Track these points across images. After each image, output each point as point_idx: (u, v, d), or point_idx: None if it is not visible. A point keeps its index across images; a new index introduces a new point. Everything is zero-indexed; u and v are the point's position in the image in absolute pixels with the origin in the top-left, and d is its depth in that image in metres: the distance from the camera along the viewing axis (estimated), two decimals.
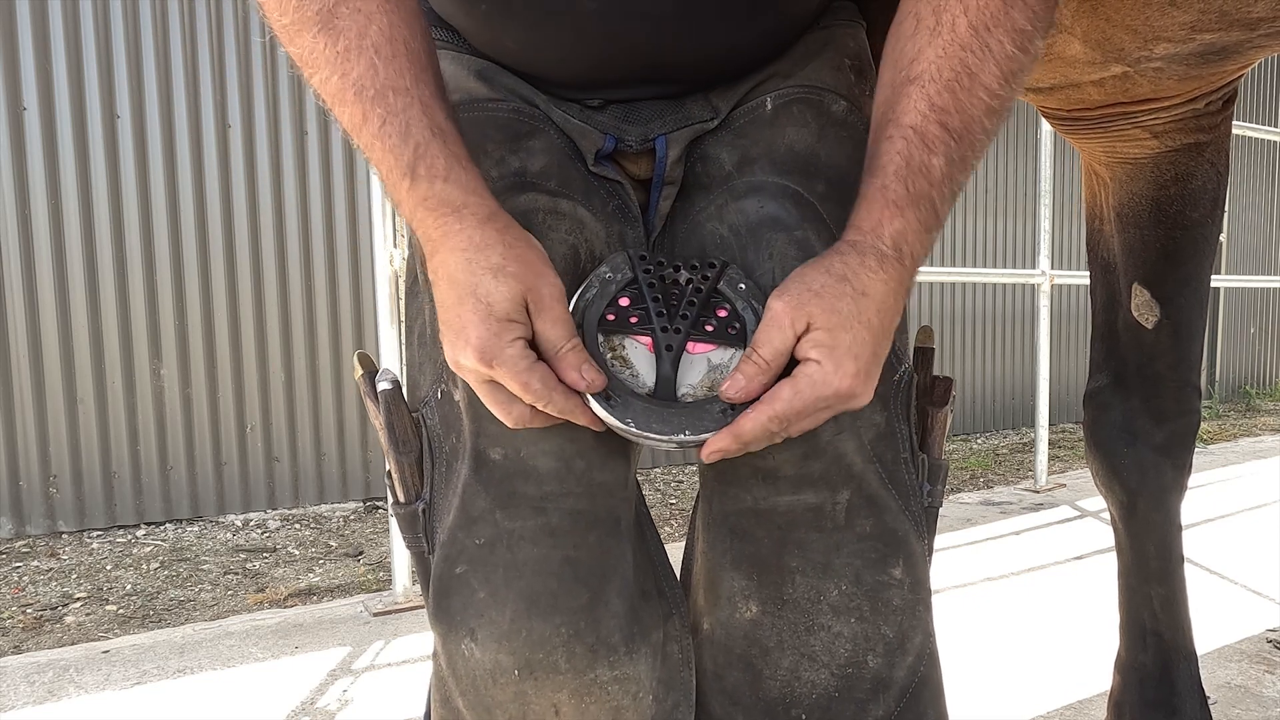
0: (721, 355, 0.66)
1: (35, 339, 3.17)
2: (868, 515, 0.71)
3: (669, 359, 0.65)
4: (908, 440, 0.76)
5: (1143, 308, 1.23)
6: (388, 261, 2.36)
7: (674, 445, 0.63)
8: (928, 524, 0.77)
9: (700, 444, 0.63)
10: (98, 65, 3.20)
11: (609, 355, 0.65)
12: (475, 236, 0.62)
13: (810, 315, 0.61)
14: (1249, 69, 1.15)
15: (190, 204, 3.37)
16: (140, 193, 3.29)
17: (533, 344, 0.63)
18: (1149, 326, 1.22)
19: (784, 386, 0.61)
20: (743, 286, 0.68)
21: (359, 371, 0.79)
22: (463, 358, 0.62)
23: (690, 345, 0.66)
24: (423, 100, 0.65)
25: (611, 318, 0.66)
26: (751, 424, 0.61)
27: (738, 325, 0.67)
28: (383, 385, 0.75)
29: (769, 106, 0.80)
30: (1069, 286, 5.69)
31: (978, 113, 0.67)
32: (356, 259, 3.68)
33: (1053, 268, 3.97)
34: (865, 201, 0.66)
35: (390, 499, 0.77)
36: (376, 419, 0.76)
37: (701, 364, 0.66)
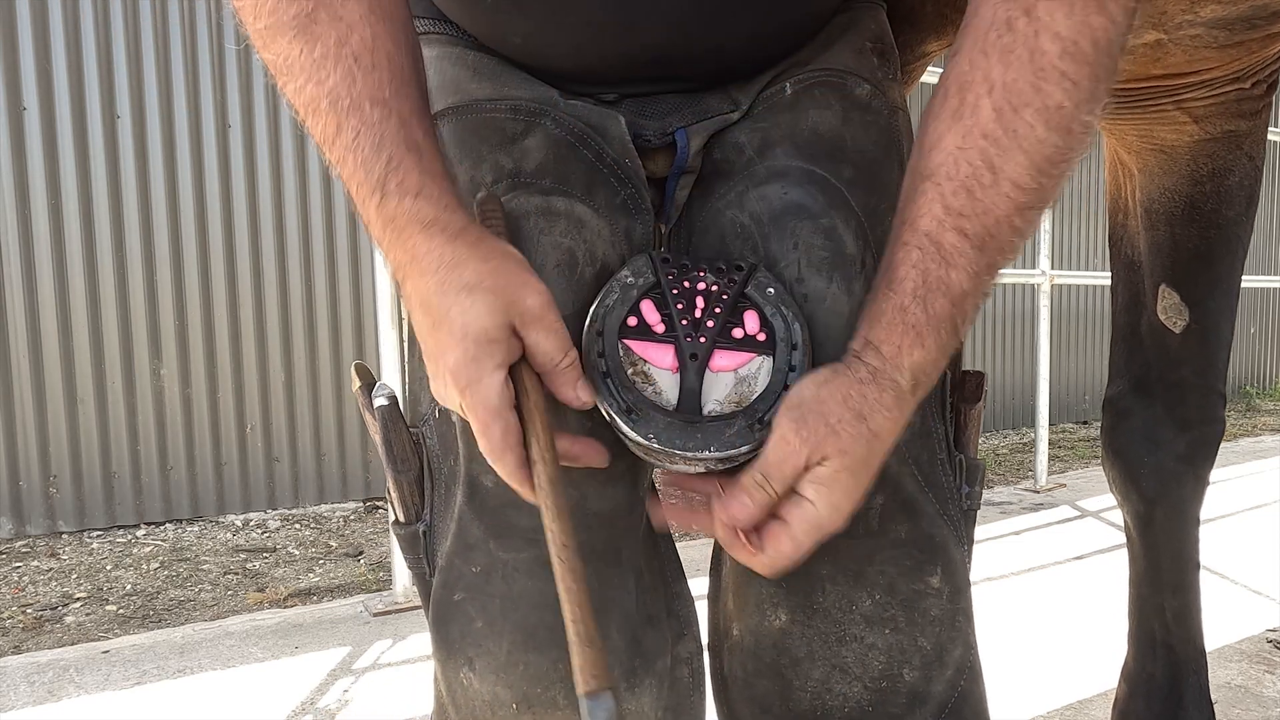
0: (749, 367, 0.62)
1: (35, 339, 3.17)
2: (903, 520, 0.68)
3: (694, 369, 0.62)
4: (944, 440, 0.72)
5: (1170, 310, 1.17)
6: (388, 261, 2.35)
7: (699, 465, 0.60)
8: (966, 527, 0.73)
9: (728, 462, 0.60)
10: (98, 65, 3.20)
11: (630, 370, 0.62)
12: (446, 254, 0.57)
13: (825, 453, 0.56)
14: None
15: (190, 204, 3.37)
16: (140, 193, 3.29)
17: (516, 373, 0.59)
18: (1176, 331, 1.17)
19: (782, 536, 0.57)
20: (771, 291, 0.64)
21: (356, 384, 0.76)
22: (443, 387, 0.58)
23: (716, 354, 0.62)
24: (400, 114, 0.60)
25: (634, 323, 0.63)
26: (753, 557, 0.58)
27: (767, 332, 0.63)
28: (379, 401, 0.71)
29: (788, 91, 0.75)
30: (1069, 286, 5.69)
31: (1003, 213, 0.57)
32: (356, 259, 3.67)
33: (1053, 268, 3.97)
34: (884, 320, 0.59)
35: (391, 517, 0.75)
36: (376, 434, 0.73)
37: (728, 379, 0.62)
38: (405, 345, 2.35)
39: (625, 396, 0.60)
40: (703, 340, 0.62)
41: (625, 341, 0.62)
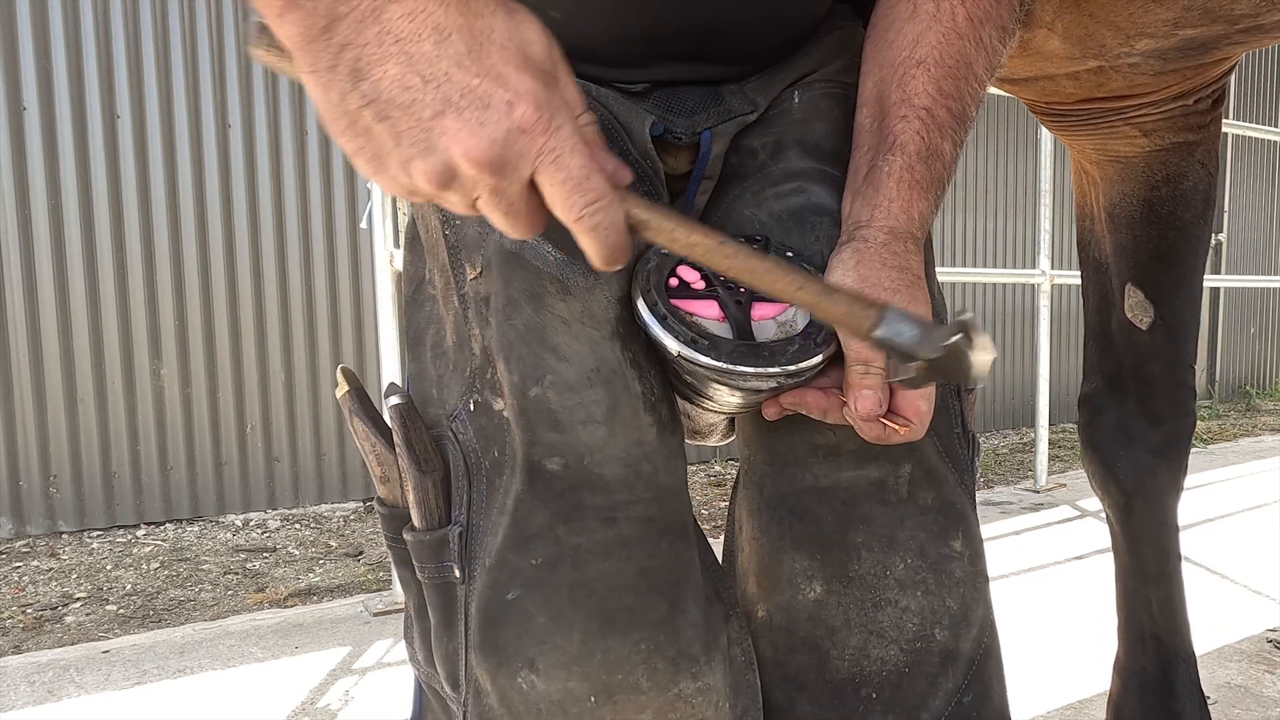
0: (787, 314, 0.67)
1: (35, 339, 3.17)
2: (929, 488, 0.71)
3: (740, 311, 0.66)
4: (958, 414, 0.76)
5: (1136, 309, 1.23)
6: (388, 261, 2.36)
7: (771, 381, 0.62)
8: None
9: (797, 376, 0.63)
10: (98, 65, 3.20)
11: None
12: None
13: None
14: (1233, 69, 1.16)
15: (190, 204, 3.37)
16: (140, 193, 3.29)
17: None
18: (1143, 328, 1.22)
19: (913, 397, 0.63)
20: (790, 254, 0.70)
21: (344, 389, 0.72)
22: (518, 136, 0.47)
23: (755, 305, 0.66)
24: None
25: (674, 284, 0.66)
26: (925, 413, 0.64)
27: None
28: (393, 400, 0.68)
29: (796, 99, 0.80)
30: (1069, 286, 5.69)
31: (970, 102, 0.70)
32: (356, 259, 3.67)
33: (1053, 268, 3.97)
34: (893, 180, 0.68)
35: (387, 529, 0.70)
36: (365, 440, 0.70)
37: (770, 325, 0.66)
38: (404, 344, 2.35)
39: (687, 331, 0.63)
40: (742, 291, 0.67)
41: (671, 301, 0.65)
